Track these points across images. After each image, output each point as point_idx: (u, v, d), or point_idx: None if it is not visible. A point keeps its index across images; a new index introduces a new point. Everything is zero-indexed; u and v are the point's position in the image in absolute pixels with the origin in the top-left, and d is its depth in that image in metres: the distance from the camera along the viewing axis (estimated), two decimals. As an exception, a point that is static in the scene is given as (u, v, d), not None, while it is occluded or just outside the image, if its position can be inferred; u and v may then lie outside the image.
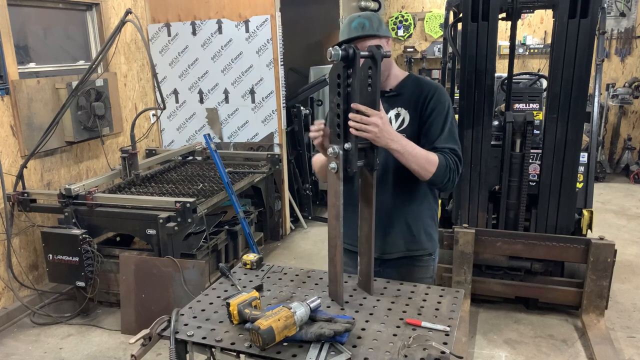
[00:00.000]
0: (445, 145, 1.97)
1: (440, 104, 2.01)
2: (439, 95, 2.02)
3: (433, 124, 2.00)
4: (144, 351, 1.64)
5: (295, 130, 5.56)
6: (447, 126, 1.99)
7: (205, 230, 3.90)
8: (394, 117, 2.04)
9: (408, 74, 2.13)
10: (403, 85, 2.07)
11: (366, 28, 1.94)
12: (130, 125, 4.32)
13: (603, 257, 3.33)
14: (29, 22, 4.28)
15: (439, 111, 2.00)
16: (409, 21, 8.19)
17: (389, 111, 2.04)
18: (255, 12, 4.90)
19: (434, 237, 2.19)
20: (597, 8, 3.19)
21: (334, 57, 1.60)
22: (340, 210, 1.74)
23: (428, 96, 2.01)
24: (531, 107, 3.95)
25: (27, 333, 3.66)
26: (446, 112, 2.01)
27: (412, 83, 2.08)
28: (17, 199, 3.82)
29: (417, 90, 2.04)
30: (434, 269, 2.21)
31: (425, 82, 2.08)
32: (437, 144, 1.97)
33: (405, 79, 2.10)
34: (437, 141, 1.98)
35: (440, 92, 2.04)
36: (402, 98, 2.05)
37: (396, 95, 2.06)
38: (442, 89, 2.06)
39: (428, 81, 2.10)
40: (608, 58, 7.23)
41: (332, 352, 1.52)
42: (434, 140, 1.98)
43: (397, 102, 2.05)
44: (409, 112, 2.03)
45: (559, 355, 3.22)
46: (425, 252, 2.15)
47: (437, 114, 2.00)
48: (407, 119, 2.03)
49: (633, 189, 6.67)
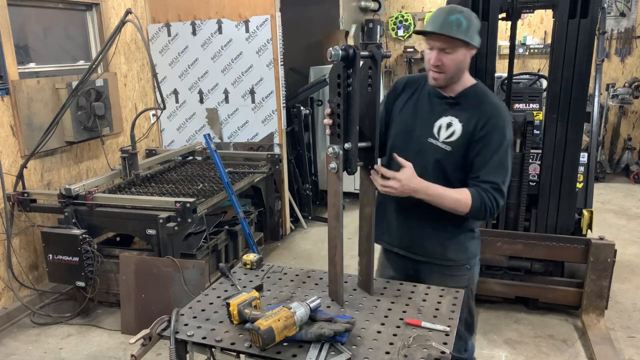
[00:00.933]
0: (487, 179, 1.88)
1: (496, 132, 1.89)
2: (497, 119, 1.91)
3: (481, 152, 1.90)
4: (144, 351, 1.64)
5: (295, 130, 5.56)
6: (495, 157, 1.89)
7: (205, 230, 3.89)
8: (445, 126, 1.96)
9: (475, 83, 2.02)
10: (465, 95, 1.98)
11: (461, 28, 1.83)
12: (130, 125, 4.32)
13: (603, 257, 3.33)
14: (29, 22, 4.28)
15: (491, 139, 1.89)
16: (409, 21, 8.19)
17: (442, 117, 1.97)
18: (255, 12, 4.90)
19: (470, 247, 2.11)
20: (597, 8, 3.19)
21: (334, 57, 1.60)
22: (340, 210, 1.74)
23: (485, 118, 1.90)
24: (531, 107, 3.95)
25: (27, 333, 3.66)
26: (499, 141, 1.89)
27: (475, 95, 1.97)
28: (17, 199, 3.82)
29: (477, 106, 1.94)
30: (469, 279, 2.13)
31: (489, 101, 1.96)
32: (479, 175, 1.90)
33: (470, 87, 1.99)
34: (480, 173, 1.90)
35: (500, 116, 1.92)
36: (460, 108, 1.96)
37: (454, 104, 1.97)
38: (502, 113, 1.94)
39: (491, 100, 1.97)
40: (608, 58, 7.22)
41: (332, 352, 1.52)
42: (477, 171, 1.91)
43: (453, 110, 1.97)
44: (462, 126, 1.93)
45: (559, 355, 3.22)
46: (455, 262, 2.09)
47: (488, 140, 1.89)
48: (457, 132, 1.94)
49: (633, 189, 6.66)
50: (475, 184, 1.90)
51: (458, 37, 1.84)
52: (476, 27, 1.88)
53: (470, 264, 2.13)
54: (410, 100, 2.08)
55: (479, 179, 1.90)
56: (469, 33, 1.85)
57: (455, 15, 1.84)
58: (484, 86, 2.04)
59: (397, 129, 2.09)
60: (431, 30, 1.86)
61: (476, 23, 1.89)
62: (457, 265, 2.10)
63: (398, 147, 2.03)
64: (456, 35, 1.83)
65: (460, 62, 1.91)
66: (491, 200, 1.88)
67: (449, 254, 2.08)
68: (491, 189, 1.89)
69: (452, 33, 1.83)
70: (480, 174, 1.90)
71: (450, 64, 1.90)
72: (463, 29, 1.84)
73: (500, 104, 1.98)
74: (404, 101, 2.10)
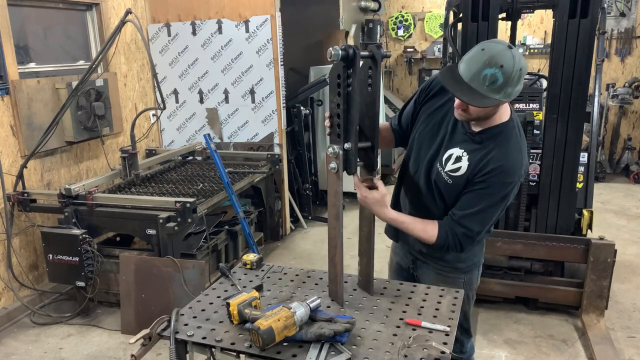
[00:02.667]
0: (463, 223, 1.83)
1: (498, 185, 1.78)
2: (504, 174, 1.77)
3: (473, 193, 1.82)
4: (144, 351, 1.64)
5: (295, 130, 5.56)
6: (483, 206, 1.80)
7: (205, 230, 3.89)
8: (454, 159, 1.86)
9: (506, 121, 1.83)
10: (488, 133, 1.82)
11: (495, 86, 1.61)
12: (130, 125, 4.32)
13: (603, 257, 3.33)
14: (29, 22, 4.28)
15: (488, 187, 1.79)
16: (409, 21, 8.19)
17: (455, 147, 1.87)
18: (255, 12, 4.90)
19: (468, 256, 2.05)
20: (597, 8, 3.19)
21: (334, 57, 1.60)
22: (340, 210, 1.74)
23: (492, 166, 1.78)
24: (531, 107, 3.94)
25: (27, 333, 3.66)
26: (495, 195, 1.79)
27: (497, 136, 1.81)
28: (17, 199, 3.82)
29: (492, 150, 1.80)
30: (466, 283, 2.10)
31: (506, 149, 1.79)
32: (458, 215, 1.84)
33: (498, 126, 1.82)
34: (461, 212, 1.83)
35: (510, 170, 1.78)
36: (476, 146, 1.83)
37: (473, 141, 1.84)
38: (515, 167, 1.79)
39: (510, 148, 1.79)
40: (608, 58, 7.23)
41: (332, 352, 1.52)
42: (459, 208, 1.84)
43: (470, 145, 1.85)
44: (468, 165, 1.83)
45: (559, 355, 3.22)
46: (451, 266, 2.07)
47: (485, 187, 1.79)
48: (462, 170, 1.84)
49: (633, 189, 6.66)
50: (450, 221, 1.86)
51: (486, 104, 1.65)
52: (516, 81, 1.63)
53: (471, 271, 2.12)
54: (437, 112, 1.96)
55: (456, 217, 1.84)
56: (502, 91, 1.63)
57: (491, 70, 1.60)
58: (513, 127, 1.84)
59: (415, 135, 2.03)
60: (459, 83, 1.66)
61: (516, 77, 1.62)
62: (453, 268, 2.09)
63: (412, 149, 2.04)
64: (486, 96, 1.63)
65: (489, 111, 1.77)
66: (455, 244, 1.86)
67: (449, 259, 2.06)
68: (461, 234, 1.84)
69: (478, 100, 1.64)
70: (461, 213, 1.84)
71: (478, 111, 1.75)
72: (496, 87, 1.62)
73: (517, 156, 1.80)
74: (434, 107, 1.98)
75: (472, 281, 2.14)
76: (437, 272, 2.10)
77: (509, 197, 1.82)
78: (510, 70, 1.60)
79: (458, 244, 1.86)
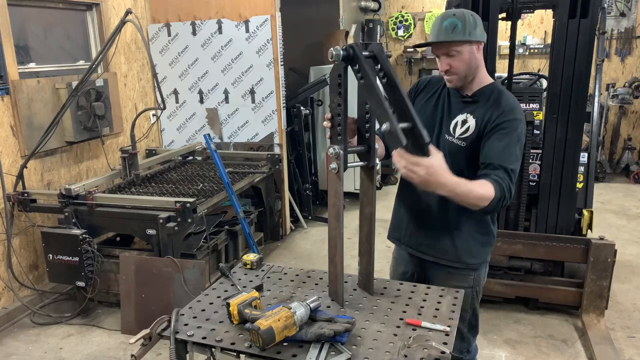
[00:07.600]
0: (500, 164, 1.85)
1: (508, 122, 1.90)
2: (510, 114, 1.92)
3: (491, 138, 1.91)
4: (144, 351, 1.64)
5: (295, 130, 5.56)
6: (506, 142, 1.88)
7: (205, 230, 3.89)
8: (461, 123, 2.01)
9: (492, 82, 2.05)
10: (482, 93, 2.01)
11: (457, 30, 1.87)
12: (130, 125, 4.32)
13: (603, 257, 3.33)
14: (29, 22, 4.27)
15: (502, 128, 1.90)
16: (409, 21, 8.19)
17: (458, 115, 2.02)
18: (255, 12, 4.90)
19: (482, 252, 2.12)
20: (597, 8, 3.19)
21: (335, 57, 1.60)
22: (340, 210, 1.74)
23: (498, 112, 1.93)
24: (531, 107, 3.95)
25: (27, 333, 3.66)
26: (510, 131, 1.90)
27: (491, 93, 1.99)
28: (17, 199, 3.81)
29: (492, 103, 1.96)
30: (475, 280, 2.13)
31: (504, 99, 1.97)
32: (492, 162, 1.87)
33: (487, 86, 2.02)
34: (492, 159, 1.87)
35: (513, 111, 1.93)
36: (476, 106, 2.00)
37: (471, 102, 2.01)
38: (516, 110, 1.95)
39: (507, 98, 1.98)
40: (608, 58, 7.22)
41: (332, 352, 1.52)
42: (487, 158, 1.89)
43: (470, 107, 2.01)
44: (476, 121, 1.97)
45: (559, 355, 3.22)
46: (464, 265, 2.10)
47: (499, 129, 1.90)
48: (471, 128, 1.98)
49: (633, 189, 6.67)
50: (488, 172, 1.85)
51: (455, 39, 1.88)
52: (473, 24, 1.90)
53: (480, 268, 2.15)
54: (430, 99, 2.13)
55: (492, 165, 1.85)
56: (466, 32, 1.88)
57: (448, 20, 1.89)
58: (501, 86, 2.05)
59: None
60: (431, 40, 1.94)
61: (472, 19, 1.90)
62: (465, 267, 2.11)
63: None
64: (453, 38, 1.88)
65: (468, 61, 1.94)
66: (508, 187, 1.83)
67: (461, 256, 2.09)
68: (504, 174, 1.83)
69: (448, 38, 1.88)
70: (490, 159, 1.87)
71: (458, 65, 1.94)
72: (459, 30, 1.88)
73: (516, 104, 1.98)
74: (423, 100, 2.15)
75: (481, 278, 2.18)
76: (448, 271, 2.12)
77: (522, 138, 1.94)
78: (463, 15, 1.90)
79: (508, 187, 1.82)
